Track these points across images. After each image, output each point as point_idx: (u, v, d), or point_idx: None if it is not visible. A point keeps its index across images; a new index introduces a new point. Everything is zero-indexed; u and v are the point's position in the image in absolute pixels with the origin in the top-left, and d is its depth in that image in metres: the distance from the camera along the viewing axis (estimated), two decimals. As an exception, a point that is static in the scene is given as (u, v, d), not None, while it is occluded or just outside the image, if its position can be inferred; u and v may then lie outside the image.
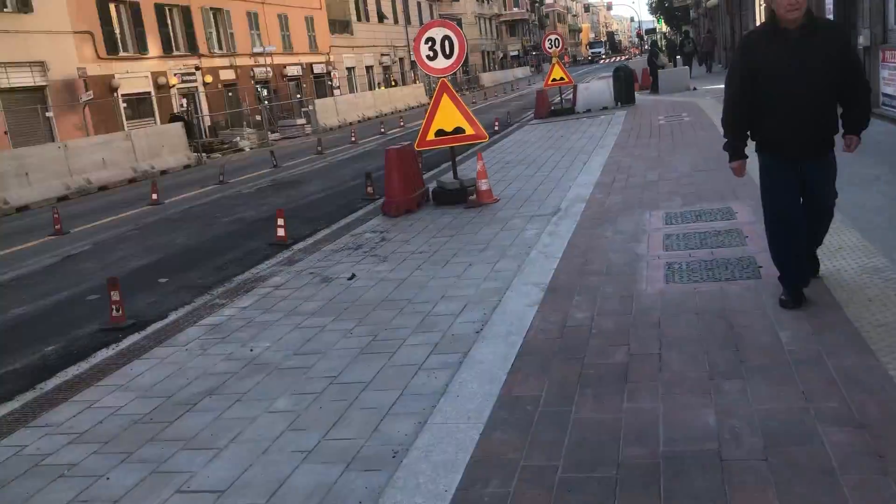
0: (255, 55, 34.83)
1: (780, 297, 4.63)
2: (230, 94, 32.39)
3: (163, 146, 22.34)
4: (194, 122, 28.23)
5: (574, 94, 22.05)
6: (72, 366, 5.66)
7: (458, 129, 9.62)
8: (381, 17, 51.99)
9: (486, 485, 3.13)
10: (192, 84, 31.04)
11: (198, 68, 31.35)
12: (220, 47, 33.59)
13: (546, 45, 21.69)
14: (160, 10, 29.53)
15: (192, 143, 24.24)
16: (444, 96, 9.62)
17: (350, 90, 43.81)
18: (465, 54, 9.94)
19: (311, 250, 8.34)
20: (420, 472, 3.29)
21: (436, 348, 4.83)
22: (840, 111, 4.42)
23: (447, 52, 9.69)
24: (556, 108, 21.71)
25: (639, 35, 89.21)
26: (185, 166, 22.74)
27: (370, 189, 11.59)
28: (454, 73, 14.77)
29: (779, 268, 4.69)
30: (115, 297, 6.52)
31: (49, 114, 23.62)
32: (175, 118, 26.15)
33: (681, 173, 9.54)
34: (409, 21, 56.01)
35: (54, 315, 7.40)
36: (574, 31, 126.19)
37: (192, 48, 31.31)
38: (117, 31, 27.41)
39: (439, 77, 9.79)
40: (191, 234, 10.92)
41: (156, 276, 8.46)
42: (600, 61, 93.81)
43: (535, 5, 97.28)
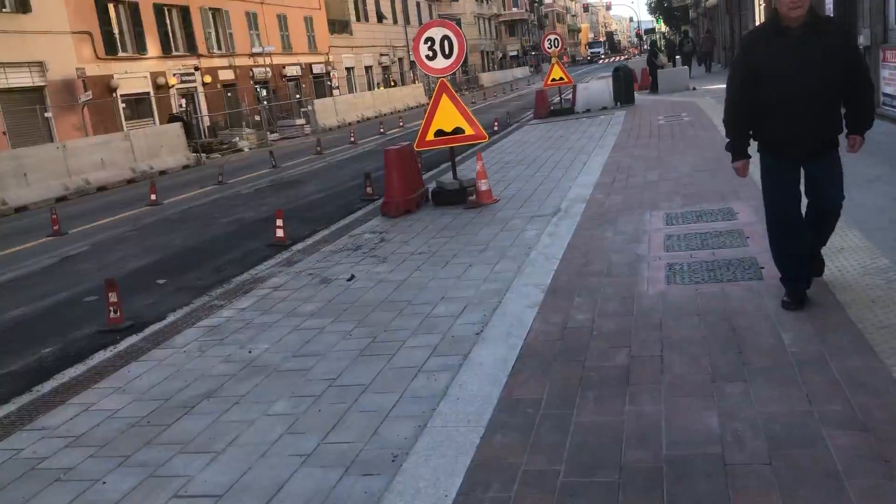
0: (254, 55, 34.80)
1: (783, 298, 4.60)
2: (229, 94, 32.36)
3: (161, 146, 22.31)
4: (193, 122, 28.18)
5: (573, 94, 22.02)
6: (69, 368, 5.62)
7: (458, 130, 9.58)
8: (381, 18, 51.96)
9: (486, 489, 3.09)
10: (191, 84, 31.01)
11: (197, 68, 31.32)
12: (219, 47, 33.56)
13: (545, 44, 21.67)
14: (159, 10, 29.49)
15: (191, 144, 24.20)
16: (444, 96, 9.58)
17: (349, 90, 43.78)
18: (465, 54, 9.90)
19: (310, 251, 8.30)
20: (420, 476, 3.26)
21: (435, 350, 4.79)
22: (843, 111, 4.37)
23: (446, 51, 9.64)
24: (555, 108, 21.69)
25: (638, 35, 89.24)
26: (184, 167, 22.70)
27: (369, 189, 11.56)
28: (453, 74, 14.75)
29: (780, 269, 4.65)
30: (113, 298, 6.49)
31: (48, 114, 23.59)
32: (174, 118, 26.10)
33: (681, 173, 9.51)
34: (408, 21, 55.98)
35: (52, 316, 7.36)
36: (573, 31, 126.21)
37: (191, 48, 31.28)
38: (116, 31, 27.37)
39: (438, 77, 9.76)
40: (189, 235, 10.88)
41: (154, 277, 8.43)
42: (599, 61, 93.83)
43: (535, 5, 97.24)
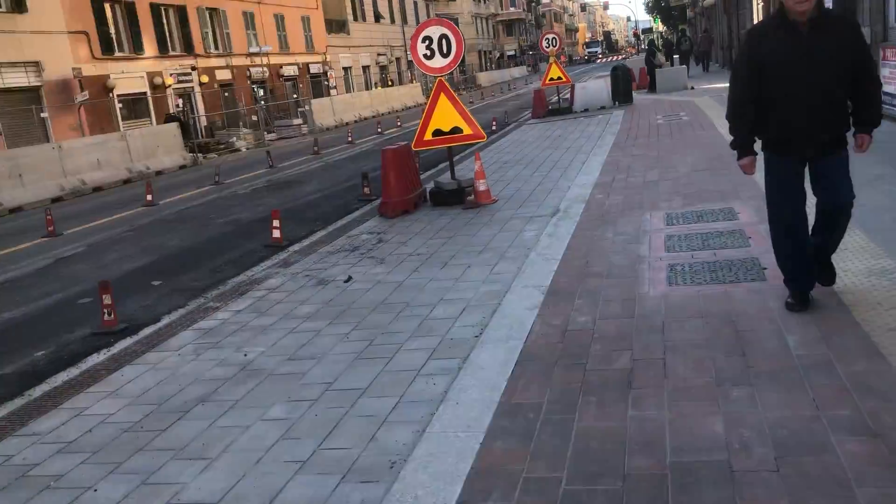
0: (251, 55, 34.67)
1: (786, 300, 4.52)
2: (226, 94, 32.25)
3: (158, 146, 22.19)
4: (190, 122, 28.06)
5: (571, 93, 21.94)
6: (62, 371, 5.53)
7: (456, 129, 9.50)
8: (378, 17, 51.84)
9: (486, 497, 3.01)
10: (188, 84, 30.88)
11: (194, 68, 31.18)
12: (216, 47, 33.42)
13: (543, 44, 21.60)
14: (156, 9, 29.36)
15: (187, 144, 24.08)
16: (442, 96, 9.49)
17: (347, 90, 43.67)
18: (463, 54, 9.81)
19: (307, 252, 8.22)
20: (418, 484, 3.18)
21: (434, 353, 4.71)
22: (850, 109, 4.25)
23: (444, 50, 9.56)
24: (553, 108, 21.63)
25: (635, 35, 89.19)
26: (181, 167, 22.60)
27: (367, 190, 11.48)
28: (451, 73, 14.65)
29: (783, 270, 4.56)
30: (107, 300, 6.40)
31: (44, 114, 23.46)
32: (170, 118, 25.98)
33: (681, 173, 9.43)
34: (405, 21, 55.87)
35: (45, 319, 7.27)
36: (571, 30, 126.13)
37: (188, 48, 31.14)
38: (112, 31, 27.23)
39: (436, 76, 9.68)
40: (185, 236, 10.79)
41: (149, 278, 8.34)
42: (597, 60, 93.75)
43: (532, 5, 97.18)
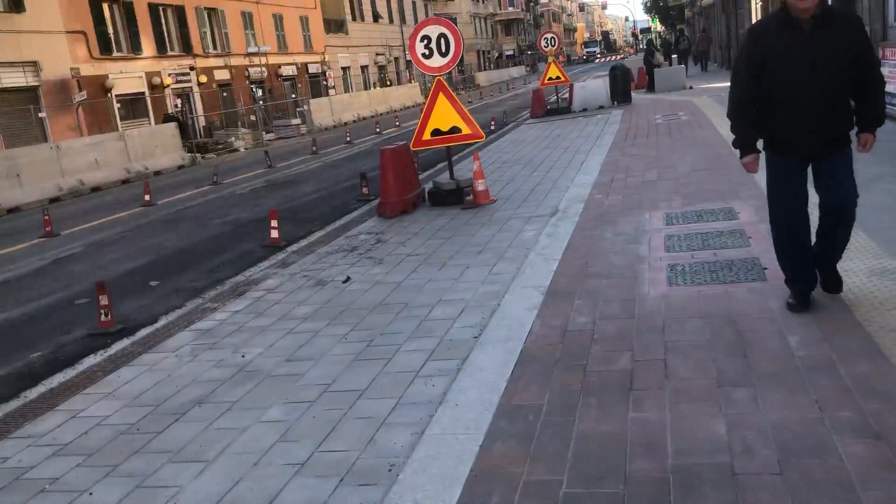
0: (249, 55, 34.64)
1: (787, 300, 4.49)
2: (225, 94, 32.21)
3: (156, 146, 22.14)
4: (188, 122, 28.02)
5: (570, 93, 21.91)
6: (58, 373, 5.49)
7: (455, 129, 9.45)
8: (376, 17, 51.79)
9: (486, 501, 2.98)
10: (187, 84, 30.85)
11: (192, 68, 31.16)
12: (214, 47, 33.39)
13: (542, 43, 21.59)
14: (154, 9, 29.32)
15: (186, 144, 24.04)
16: (440, 95, 9.44)
17: (345, 90, 43.63)
18: (461, 53, 9.78)
19: (305, 252, 8.18)
20: (417, 486, 3.14)
21: (433, 354, 4.68)
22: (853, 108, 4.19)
23: (443, 50, 9.52)
24: (552, 108, 21.60)
25: (633, 35, 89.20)
26: (179, 167, 22.55)
27: (365, 190, 11.44)
28: (449, 73, 14.62)
29: (784, 270, 4.53)
30: (104, 301, 6.37)
31: (42, 114, 23.42)
32: (169, 118, 25.94)
33: (680, 172, 9.40)
34: (404, 20, 55.83)
35: (41, 320, 7.23)
36: (569, 30, 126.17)
37: (187, 48, 31.11)
38: (111, 30, 27.19)
39: (435, 76, 9.64)
40: (183, 236, 10.75)
41: (147, 278, 8.30)
42: (595, 60, 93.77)
43: (530, 5, 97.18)
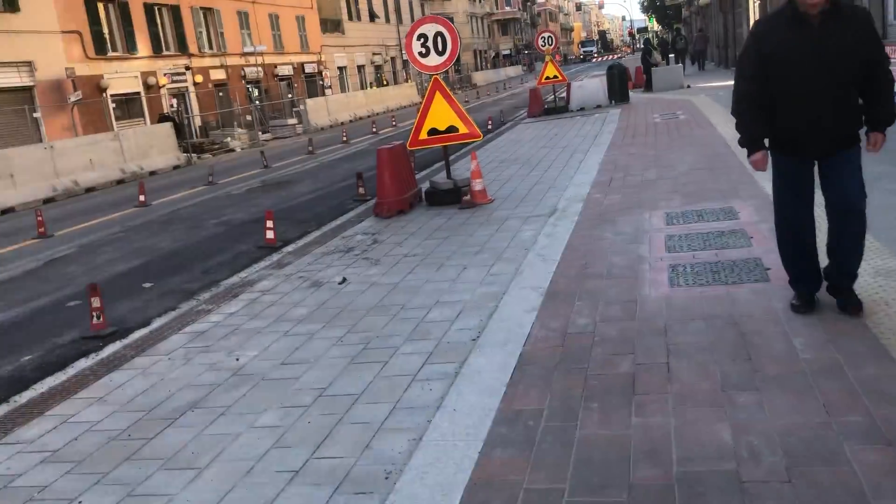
0: (245, 55, 34.49)
1: (791, 301, 4.41)
2: (221, 94, 32.06)
3: (152, 147, 22.01)
4: (184, 122, 27.90)
5: (568, 92, 21.83)
6: (49, 377, 5.39)
7: (452, 128, 9.37)
8: (373, 17, 51.69)
9: (486, 510, 2.90)
10: (183, 84, 30.70)
11: (188, 68, 31.02)
12: (210, 47, 33.25)
13: (539, 42, 21.43)
14: (149, 9, 29.19)
15: (181, 144, 23.92)
16: (437, 94, 9.36)
17: (341, 90, 43.51)
18: (458, 52, 9.69)
19: (301, 253, 8.09)
20: (415, 495, 3.06)
21: (430, 357, 4.59)
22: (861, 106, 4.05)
23: (440, 48, 9.42)
24: (549, 107, 21.50)
25: (630, 34, 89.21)
26: (175, 167, 22.42)
27: (362, 190, 11.35)
28: (446, 72, 14.53)
29: (788, 271, 4.45)
30: (96, 303, 6.27)
31: (37, 114, 23.27)
32: (164, 118, 25.82)
33: (679, 172, 9.32)
34: (400, 20, 55.71)
35: (33, 322, 7.12)
36: (566, 29, 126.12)
37: (182, 48, 30.97)
38: (106, 30, 27.05)
39: (432, 74, 9.55)
40: (178, 237, 10.65)
41: (140, 280, 8.20)
42: (592, 60, 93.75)
43: (527, 4, 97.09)
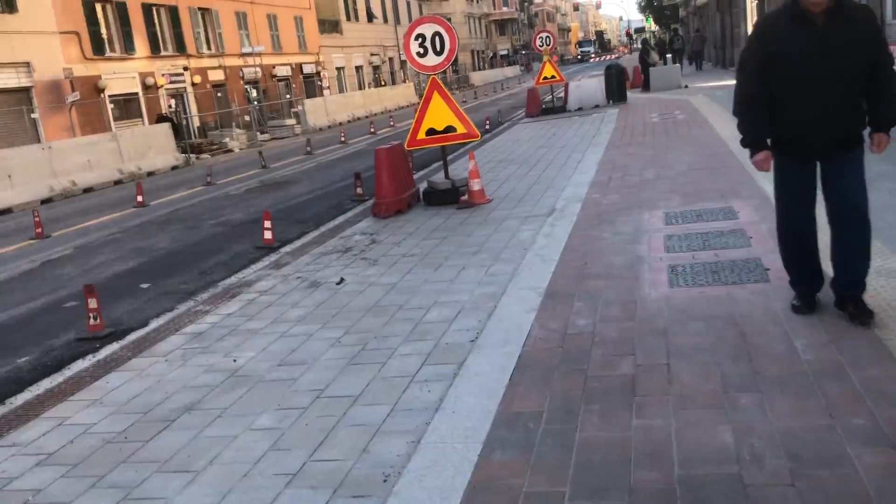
0: (243, 55, 34.46)
1: (792, 301, 4.38)
2: (219, 94, 32.01)
3: (150, 147, 21.95)
4: (182, 122, 27.85)
5: (565, 92, 21.80)
6: (45, 378, 5.36)
7: (450, 128, 9.33)
8: (371, 17, 51.65)
9: (485, 513, 2.86)
10: (181, 84, 30.66)
11: (186, 68, 30.97)
12: (208, 47, 33.21)
13: (537, 42, 21.40)
14: (147, 9, 29.14)
15: (179, 144, 23.86)
16: (435, 94, 9.32)
17: (339, 90, 43.48)
18: (456, 52, 9.65)
19: (299, 253, 8.06)
20: (414, 498, 3.02)
21: (429, 359, 4.55)
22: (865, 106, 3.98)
23: (438, 48, 9.39)
24: (547, 107, 21.47)
25: (628, 34, 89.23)
26: (173, 167, 22.37)
27: (360, 190, 11.31)
28: (444, 72, 14.50)
29: (789, 271, 4.42)
30: (93, 304, 6.23)
31: (34, 115, 23.23)
32: (162, 119, 25.76)
33: (678, 171, 9.30)
34: (398, 21, 55.69)
35: (29, 324, 7.08)
36: (563, 30, 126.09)
37: (181, 48, 30.94)
38: (104, 31, 27.01)
39: (430, 74, 9.51)
40: (175, 238, 10.60)
41: (138, 281, 8.16)
42: (590, 60, 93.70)
43: (525, 4, 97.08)
